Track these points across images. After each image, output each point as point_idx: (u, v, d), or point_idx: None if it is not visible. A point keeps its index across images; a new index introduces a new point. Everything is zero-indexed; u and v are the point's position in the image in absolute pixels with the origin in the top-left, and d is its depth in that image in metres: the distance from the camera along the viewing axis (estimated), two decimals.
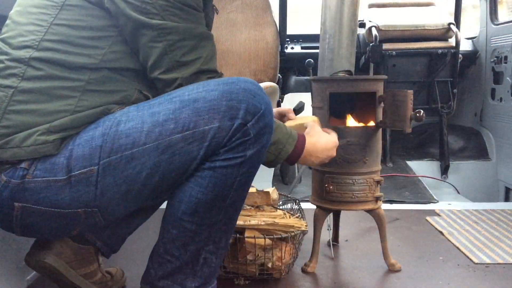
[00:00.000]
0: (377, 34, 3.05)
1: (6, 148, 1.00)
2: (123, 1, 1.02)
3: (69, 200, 1.01)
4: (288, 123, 1.37)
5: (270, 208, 1.57)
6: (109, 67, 1.05)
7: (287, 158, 1.20)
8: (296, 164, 2.91)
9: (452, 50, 3.05)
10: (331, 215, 1.67)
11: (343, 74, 1.62)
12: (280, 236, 1.40)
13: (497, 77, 3.19)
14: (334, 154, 1.33)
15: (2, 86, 1.02)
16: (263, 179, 2.79)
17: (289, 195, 1.82)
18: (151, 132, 1.00)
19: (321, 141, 1.29)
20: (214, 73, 1.11)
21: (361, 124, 1.54)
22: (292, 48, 3.36)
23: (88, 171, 1.00)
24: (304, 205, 1.74)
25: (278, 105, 2.70)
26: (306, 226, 1.48)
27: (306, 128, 1.34)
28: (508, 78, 3.03)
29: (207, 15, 1.18)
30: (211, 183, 1.04)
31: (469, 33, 3.63)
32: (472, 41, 3.48)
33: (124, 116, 1.02)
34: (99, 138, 1.00)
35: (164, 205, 1.33)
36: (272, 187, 1.67)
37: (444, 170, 3.17)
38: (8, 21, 1.10)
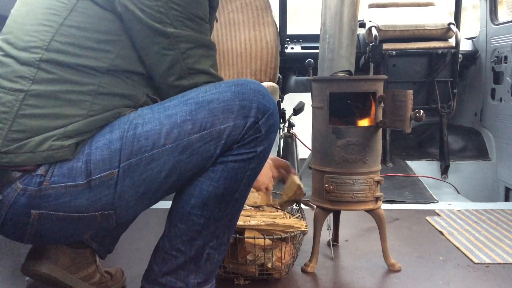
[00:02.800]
0: (377, 34, 3.05)
1: (19, 153, 0.99)
2: (138, 9, 1.03)
3: (88, 204, 1.02)
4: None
5: (270, 209, 1.57)
6: (118, 70, 1.06)
7: None
8: (296, 164, 2.91)
9: (452, 50, 3.05)
10: (331, 215, 1.67)
11: (343, 74, 1.62)
12: (280, 236, 1.40)
13: (497, 77, 3.19)
14: (261, 186, 1.52)
15: (12, 90, 1.00)
16: None
17: None
18: (170, 133, 1.02)
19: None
20: (219, 80, 1.15)
21: (361, 124, 1.54)
22: (292, 48, 3.36)
23: (108, 175, 1.01)
24: (304, 205, 1.74)
25: (278, 105, 2.70)
26: (306, 226, 1.48)
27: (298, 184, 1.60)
28: (508, 78, 3.03)
29: (210, 24, 1.20)
30: (222, 177, 1.07)
31: (469, 33, 3.63)
32: (472, 41, 3.48)
33: (140, 118, 1.04)
34: (118, 142, 1.02)
35: (162, 205, 1.33)
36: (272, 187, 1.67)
37: (444, 170, 3.17)
38: (9, 22, 1.09)
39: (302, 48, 3.38)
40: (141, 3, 1.03)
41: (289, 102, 3.14)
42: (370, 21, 3.20)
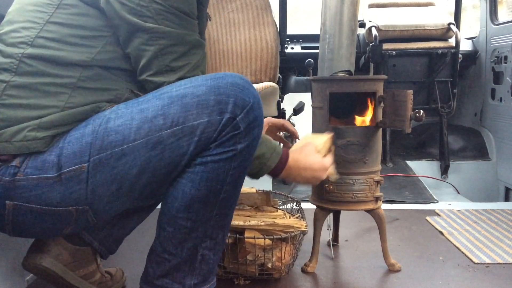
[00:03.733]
0: (377, 34, 3.05)
1: None
2: (118, 2, 1.03)
3: (60, 198, 1.01)
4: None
5: (270, 209, 1.57)
6: (100, 65, 1.06)
7: (271, 172, 1.24)
8: None
9: (452, 50, 3.05)
10: (331, 215, 1.67)
11: (343, 74, 1.62)
12: (280, 236, 1.40)
13: (497, 77, 3.19)
14: (322, 176, 1.30)
15: None
16: (263, 179, 2.79)
17: (289, 195, 1.82)
18: (141, 128, 1.00)
19: (308, 160, 1.28)
20: None
21: (361, 124, 1.54)
22: (292, 48, 3.36)
23: (78, 168, 1.00)
24: (304, 205, 1.74)
25: (278, 105, 2.70)
26: (306, 226, 1.48)
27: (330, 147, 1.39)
28: (508, 78, 3.03)
29: (201, 22, 1.18)
30: (203, 178, 1.04)
31: (469, 33, 3.64)
32: (472, 41, 3.48)
33: (113, 113, 1.03)
34: (89, 136, 1.01)
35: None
36: (272, 187, 1.67)
37: (444, 170, 3.17)
38: (5, 20, 1.11)
39: (302, 48, 3.38)
40: None
41: (289, 102, 3.14)
42: (370, 21, 3.20)
